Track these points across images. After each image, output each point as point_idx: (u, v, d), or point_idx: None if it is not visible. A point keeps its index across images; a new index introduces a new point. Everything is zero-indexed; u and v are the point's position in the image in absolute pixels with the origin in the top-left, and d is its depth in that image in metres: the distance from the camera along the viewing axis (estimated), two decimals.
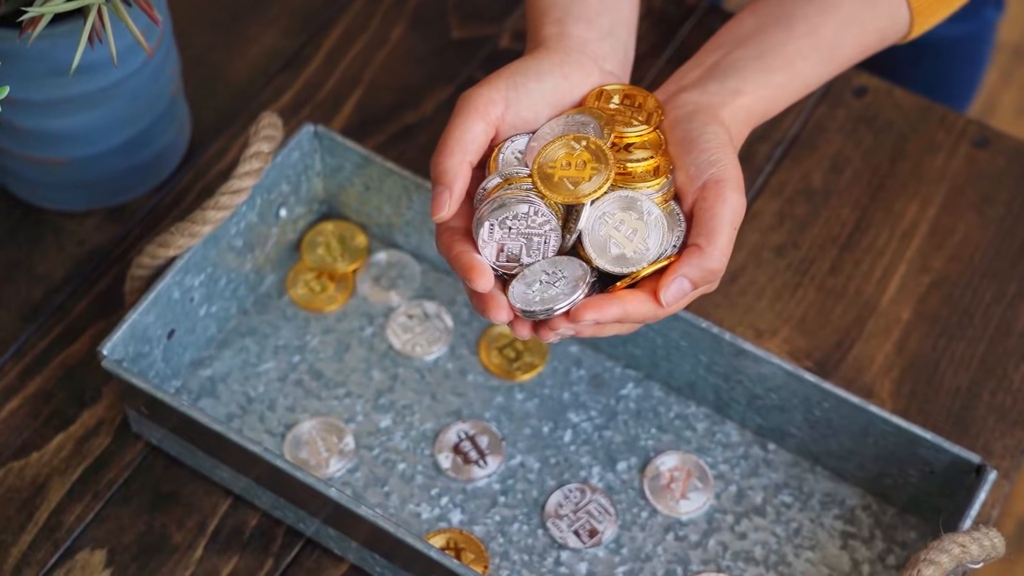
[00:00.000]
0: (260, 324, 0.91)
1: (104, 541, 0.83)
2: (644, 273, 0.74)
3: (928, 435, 0.81)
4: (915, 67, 1.27)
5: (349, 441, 0.86)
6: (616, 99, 0.79)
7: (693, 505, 0.86)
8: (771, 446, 0.88)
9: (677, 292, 0.74)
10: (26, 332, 0.90)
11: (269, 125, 0.85)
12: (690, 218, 0.76)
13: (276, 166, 0.88)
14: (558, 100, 0.78)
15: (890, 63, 1.20)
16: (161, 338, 0.85)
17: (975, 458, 0.80)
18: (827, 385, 0.82)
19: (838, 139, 1.00)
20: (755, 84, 0.80)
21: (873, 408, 0.82)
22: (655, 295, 0.74)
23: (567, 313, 0.73)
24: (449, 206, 0.75)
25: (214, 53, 1.02)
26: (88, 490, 0.85)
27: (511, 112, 0.76)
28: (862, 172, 0.99)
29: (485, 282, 0.73)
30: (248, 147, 0.84)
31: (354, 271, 0.93)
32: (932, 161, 0.99)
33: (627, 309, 0.74)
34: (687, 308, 0.92)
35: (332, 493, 0.78)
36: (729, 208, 0.75)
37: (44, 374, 0.89)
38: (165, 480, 0.86)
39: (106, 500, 0.85)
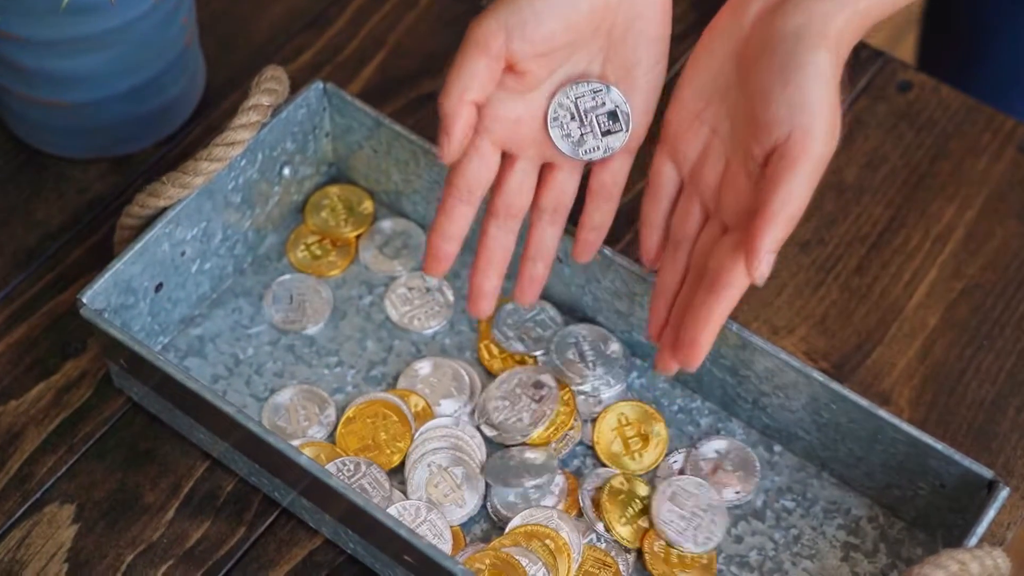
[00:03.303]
0: (256, 285, 0.88)
1: (74, 496, 0.81)
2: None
3: (939, 446, 0.76)
4: (1011, 21, 1.19)
5: (331, 413, 0.83)
6: None
7: None
8: (777, 448, 0.84)
9: (768, 265, 0.70)
10: (17, 278, 0.88)
11: (272, 78, 0.82)
12: (765, 162, 0.72)
13: (280, 122, 0.85)
14: (570, 11, 0.73)
15: (984, 17, 1.13)
16: (148, 291, 0.82)
17: (987, 473, 0.76)
18: (835, 385, 0.78)
19: (877, 134, 0.96)
20: None
21: (883, 413, 0.77)
22: (748, 271, 0.70)
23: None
24: (448, 149, 0.73)
25: (237, 7, 0.99)
26: (63, 442, 0.82)
27: (516, 39, 0.72)
28: (899, 170, 0.94)
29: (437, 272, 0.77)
30: (247, 99, 0.81)
31: (357, 237, 0.90)
32: (974, 163, 0.95)
33: (727, 312, 0.72)
34: None
35: (303, 460, 0.75)
36: (811, 164, 0.70)
37: (31, 321, 0.86)
38: (143, 438, 0.83)
39: (80, 454, 0.82)
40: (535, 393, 0.82)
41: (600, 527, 0.79)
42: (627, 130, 0.76)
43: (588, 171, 0.78)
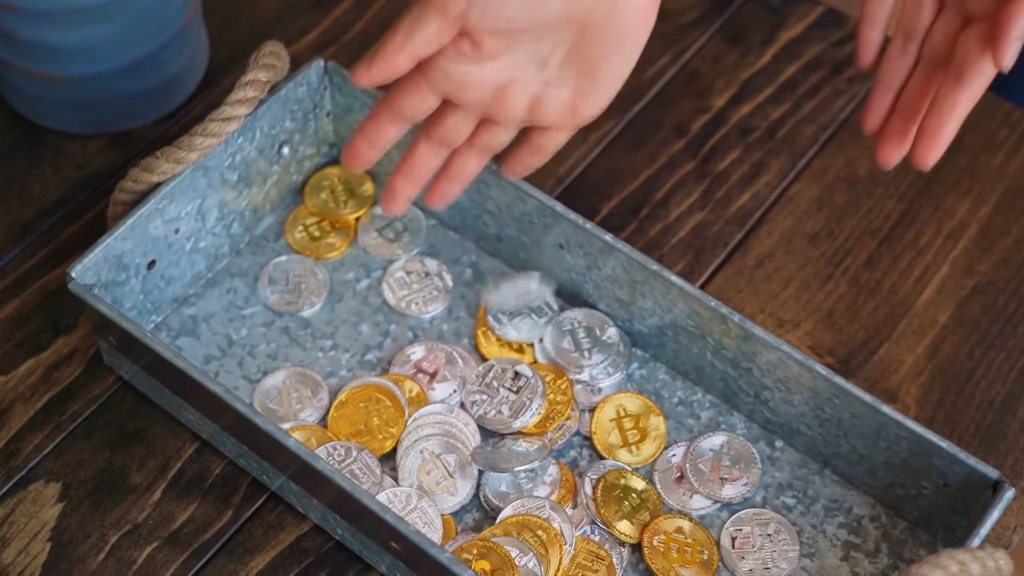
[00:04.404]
0: (252, 266, 0.86)
1: (60, 474, 0.79)
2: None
3: (943, 444, 0.74)
4: None
5: (324, 396, 0.81)
6: None
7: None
8: (778, 443, 0.82)
9: (1015, 53, 0.70)
10: (10, 253, 0.87)
11: (270, 54, 0.80)
12: None
13: (279, 99, 0.83)
14: (539, 4, 0.70)
15: None
16: (140, 268, 0.81)
17: (993, 473, 0.73)
18: (838, 380, 0.76)
19: None
20: None
21: (886, 409, 0.75)
22: (995, 58, 0.70)
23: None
24: (361, 79, 0.73)
25: None
26: (51, 420, 0.81)
27: (475, 12, 0.70)
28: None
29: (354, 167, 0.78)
30: (244, 74, 0.79)
31: (357, 219, 0.88)
32: (990, 159, 0.92)
33: (971, 103, 0.73)
34: (702, 287, 0.87)
35: (290, 443, 0.73)
36: None
37: (23, 297, 0.85)
38: (132, 417, 0.81)
39: (68, 432, 0.80)
40: (512, 384, 0.80)
41: (596, 520, 0.78)
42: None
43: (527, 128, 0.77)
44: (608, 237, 0.80)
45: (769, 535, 0.78)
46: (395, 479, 0.79)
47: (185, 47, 0.90)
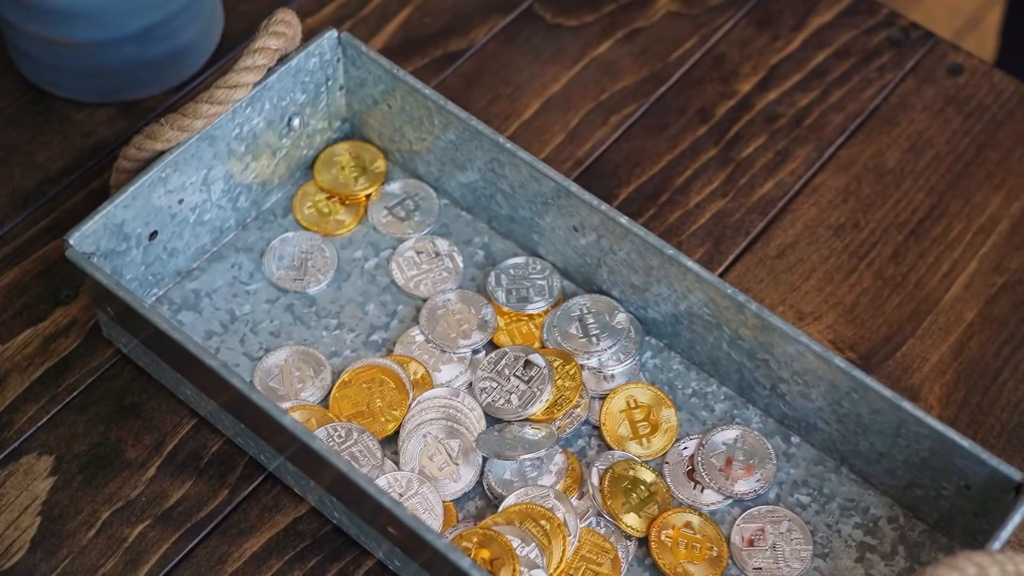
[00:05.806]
0: (258, 241, 0.84)
1: (53, 447, 0.77)
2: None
3: (965, 442, 0.71)
4: None
5: (326, 376, 0.79)
6: None
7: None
8: (794, 439, 0.79)
9: None
10: (12, 221, 0.85)
11: (282, 22, 0.78)
12: None
13: (290, 70, 0.81)
14: None
15: None
16: (141, 238, 0.78)
17: (1016, 474, 0.70)
18: (857, 373, 0.73)
19: (922, 118, 0.91)
20: None
21: (906, 405, 0.72)
22: None
23: None
24: None
25: None
26: (46, 392, 0.79)
27: None
28: (944, 156, 0.89)
29: None
30: (254, 41, 0.77)
31: (368, 197, 0.86)
32: None
33: None
34: (720, 276, 0.84)
35: (287, 421, 0.71)
36: None
37: (23, 266, 0.83)
38: (129, 391, 0.79)
39: (63, 404, 0.78)
40: (524, 373, 0.77)
41: (603, 511, 0.75)
42: None
43: None
44: (623, 220, 0.77)
45: (782, 533, 0.75)
46: (396, 463, 0.77)
47: (197, 16, 0.88)
